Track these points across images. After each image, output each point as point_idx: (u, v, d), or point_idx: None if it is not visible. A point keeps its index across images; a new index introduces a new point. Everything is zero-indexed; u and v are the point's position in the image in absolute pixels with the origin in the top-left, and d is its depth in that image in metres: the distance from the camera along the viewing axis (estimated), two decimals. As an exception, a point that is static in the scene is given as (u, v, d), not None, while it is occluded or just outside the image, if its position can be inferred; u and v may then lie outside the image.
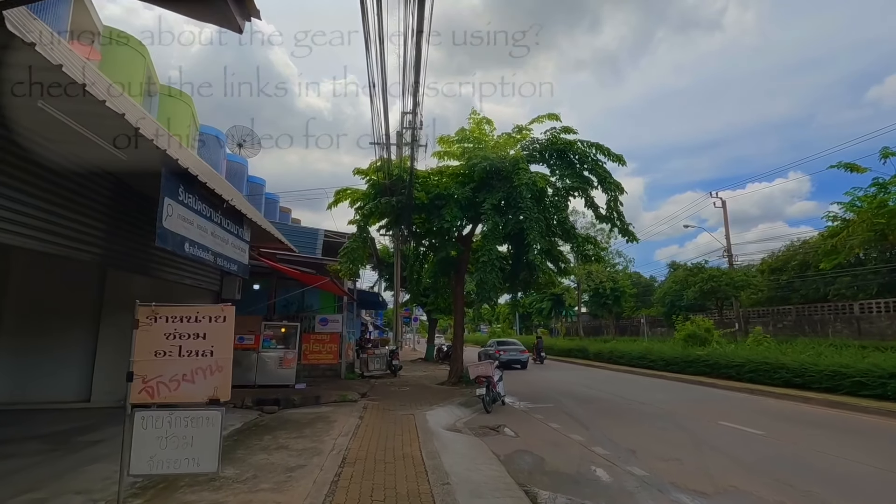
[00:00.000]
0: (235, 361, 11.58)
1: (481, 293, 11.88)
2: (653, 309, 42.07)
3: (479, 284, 11.95)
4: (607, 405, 11.35)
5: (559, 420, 9.37)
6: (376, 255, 21.31)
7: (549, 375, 19.03)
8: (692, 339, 18.01)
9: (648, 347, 19.85)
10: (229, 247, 7.03)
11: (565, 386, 15.49)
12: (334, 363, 14.49)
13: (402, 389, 13.09)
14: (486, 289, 11.58)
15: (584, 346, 26.78)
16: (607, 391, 13.82)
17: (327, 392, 10.98)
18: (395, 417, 8.75)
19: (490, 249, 11.81)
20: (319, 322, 14.56)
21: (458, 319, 14.77)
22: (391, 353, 18.00)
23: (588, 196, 12.49)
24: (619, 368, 20.49)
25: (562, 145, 12.88)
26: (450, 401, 10.96)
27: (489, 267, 11.65)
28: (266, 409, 9.49)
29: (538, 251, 11.38)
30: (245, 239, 7.70)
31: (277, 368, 11.63)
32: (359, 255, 11.88)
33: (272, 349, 11.76)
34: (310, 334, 14.43)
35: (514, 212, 12.01)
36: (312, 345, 14.28)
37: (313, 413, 9.07)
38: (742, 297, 29.15)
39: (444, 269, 15.07)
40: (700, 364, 15.96)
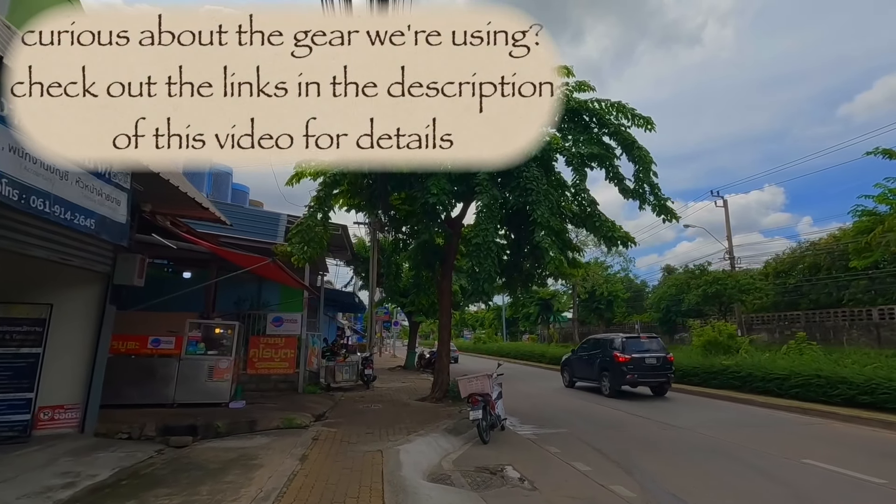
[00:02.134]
0: (147, 372, 8.69)
1: (475, 285, 9.26)
2: (645, 315, 40.01)
3: (473, 274, 9.33)
4: (636, 431, 8.81)
5: (583, 456, 6.78)
6: (350, 248, 18.53)
7: (545, 385, 16.45)
8: (712, 346, 15.67)
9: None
10: (77, 189, 4.28)
11: (570, 401, 12.93)
12: (290, 373, 11.68)
13: (372, 407, 10.36)
14: (481, 279, 8.96)
15: (580, 354, 24.29)
16: (624, 409, 11.30)
17: (270, 414, 8.20)
18: (353, 458, 6.04)
19: (486, 230, 9.22)
20: (272, 322, 11.74)
21: (444, 321, 12.12)
22: (364, 360, 15.23)
23: (611, 166, 9.98)
24: (624, 379, 18.01)
25: (575, 105, 10.42)
26: (433, 425, 8.29)
27: (485, 252, 9.05)
28: (173, 441, 6.68)
29: (547, 231, 8.83)
30: (119, 184, 4.96)
31: (206, 381, 8.80)
32: (316, 235, 9.15)
33: (200, 356, 8.93)
34: (259, 337, 11.60)
35: (517, 184, 9.48)
36: (262, 350, 11.46)
37: (236, 450, 6.30)
38: (745, 302, 27.15)
39: (427, 259, 12.41)
40: (727, 376, 13.58)
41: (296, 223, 9.08)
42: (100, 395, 6.69)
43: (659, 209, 9.90)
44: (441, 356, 11.94)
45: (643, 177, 9.88)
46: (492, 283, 9.37)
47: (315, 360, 14.31)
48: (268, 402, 9.86)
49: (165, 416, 7.69)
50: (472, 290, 9.50)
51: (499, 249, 9.60)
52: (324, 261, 15.72)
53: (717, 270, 27.67)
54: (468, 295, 9.55)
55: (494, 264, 9.27)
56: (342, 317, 48.14)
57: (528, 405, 11.84)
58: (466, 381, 7.99)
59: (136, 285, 6.96)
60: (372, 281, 17.05)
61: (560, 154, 9.86)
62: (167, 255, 12.81)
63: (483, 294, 9.31)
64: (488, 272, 9.01)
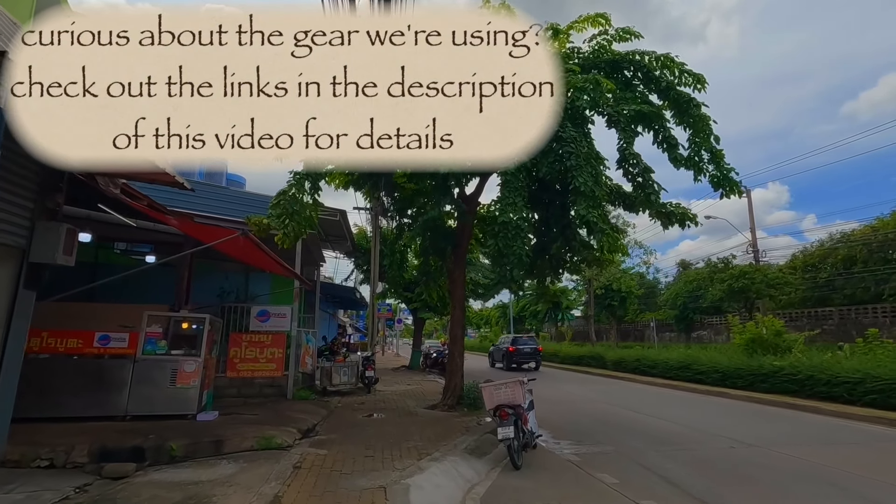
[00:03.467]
0: (93, 377, 6.68)
1: (502, 271, 7.56)
2: (659, 312, 38.20)
3: (498, 258, 7.64)
4: (697, 449, 7.10)
5: (655, 491, 5.08)
6: (350, 237, 16.85)
7: (568, 389, 14.75)
8: (757, 345, 13.92)
9: (692, 356, 15.73)
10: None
11: (603, 408, 11.22)
12: (277, 376, 10.00)
13: (374, 417, 8.68)
14: (510, 263, 7.26)
15: (598, 354, 22.58)
16: (672, 419, 9.57)
17: (244, 430, 6.51)
18: (346, 498, 4.36)
19: (513, 204, 7.52)
20: (257, 316, 10.06)
21: (457, 315, 10.42)
22: (365, 360, 13.55)
23: (661, 127, 8.24)
24: (652, 382, 16.31)
25: (615, 57, 8.72)
26: (449, 443, 6.61)
27: (513, 230, 7.35)
28: (108, 470, 5.01)
29: (592, 203, 7.10)
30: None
31: (167, 387, 7.12)
32: (302, 208, 7.44)
33: (161, 356, 7.26)
34: (241, 334, 9.93)
35: (549, 148, 7.78)
36: (245, 349, 9.79)
37: (187, 486, 4.61)
38: (774, 297, 25.36)
39: (436, 244, 10.70)
40: (780, 379, 11.84)
41: (277, 192, 7.41)
42: (11, 407, 5.03)
43: (720, 181, 8.14)
44: (453, 356, 10.24)
45: (701, 142, 8.14)
46: (522, 268, 7.65)
47: (309, 360, 12.64)
48: (248, 411, 8.19)
49: (110, 433, 6.01)
50: (497, 277, 7.78)
51: (529, 227, 7.87)
52: (319, 250, 14.05)
53: (743, 264, 25.85)
54: (493, 284, 7.82)
55: (525, 245, 7.58)
56: (343, 314, 46.53)
57: (555, 413, 10.13)
58: (493, 389, 6.29)
59: (63, 264, 5.28)
60: (374, 271, 15.38)
61: (599, 113, 8.14)
62: (138, 238, 11.15)
63: (511, 282, 7.60)
64: (518, 255, 7.30)
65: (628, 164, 7.99)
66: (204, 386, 7.61)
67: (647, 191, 7.94)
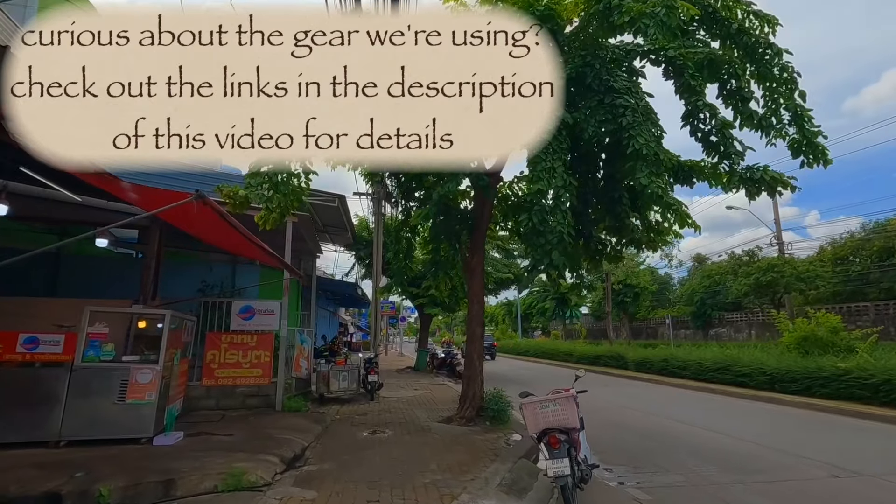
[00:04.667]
0: (16, 390, 5.03)
1: (537, 254, 6.01)
2: (673, 309, 36.55)
3: (532, 238, 6.07)
4: (806, 483, 5.50)
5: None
6: (350, 227, 15.28)
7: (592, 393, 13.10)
8: (809, 343, 12.32)
9: (731, 356, 14.11)
10: None
11: (642, 418, 9.63)
12: (264, 384, 8.46)
13: (378, 436, 7.13)
14: (549, 243, 5.71)
15: (618, 353, 20.98)
16: (734, 433, 7.99)
17: (209, 461, 4.96)
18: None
19: (551, 170, 5.97)
20: (239, 313, 8.51)
21: (475, 311, 8.85)
22: (367, 362, 12.00)
23: (732, 76, 6.63)
24: (684, 384, 14.73)
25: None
26: (477, 476, 5.07)
27: (552, 202, 5.80)
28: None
29: (654, 169, 5.53)
30: None
31: (114, 403, 5.58)
32: (287, 179, 5.86)
33: (107, 363, 5.71)
34: (219, 334, 8.38)
35: (597, 101, 6.21)
36: (225, 352, 8.24)
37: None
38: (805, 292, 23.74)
39: (449, 227, 9.13)
40: (845, 383, 10.26)
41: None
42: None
43: (801, 147, 6.54)
44: (471, 359, 8.68)
45: (782, 98, 6.54)
46: (564, 249, 6.07)
47: (304, 363, 11.12)
48: (223, 429, 6.64)
49: (26, 469, 4.48)
50: (532, 261, 6.19)
51: (572, 196, 6.28)
52: (315, 240, 12.51)
53: (770, 257, 24.21)
54: (529, 270, 6.23)
55: (565, 220, 6.00)
56: (345, 312, 44.97)
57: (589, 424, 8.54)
58: (537, 408, 4.71)
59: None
60: (376, 260, 13.83)
61: (655, 60, 6.54)
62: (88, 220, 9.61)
63: (552, 267, 6.02)
64: (558, 233, 5.75)
65: (698, 121, 6.39)
66: (167, 400, 6.07)
67: (727, 151, 6.31)
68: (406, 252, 11.12)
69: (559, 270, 6.43)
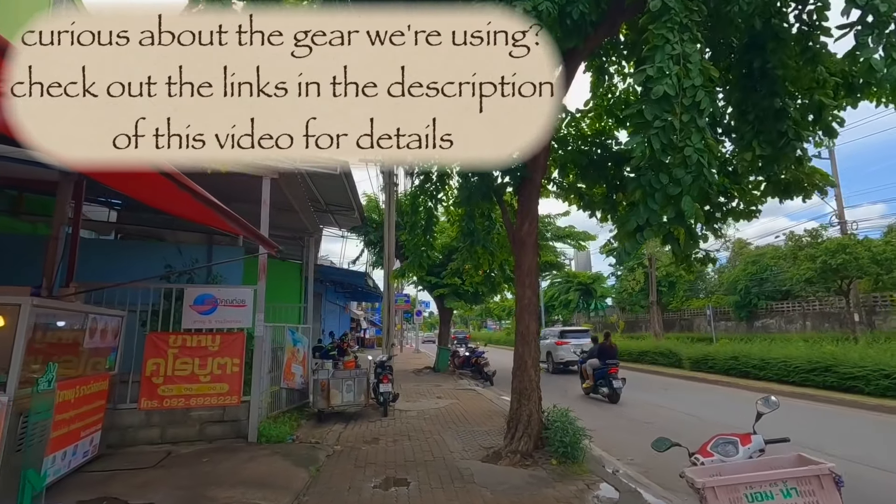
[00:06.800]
0: None
1: (652, 204, 3.41)
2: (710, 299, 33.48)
3: (644, 177, 3.47)
4: None
5: None
6: (357, 207, 12.74)
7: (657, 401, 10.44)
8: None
9: (833, 354, 11.27)
10: None
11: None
12: (231, 404, 5.97)
13: (391, 491, 4.59)
14: (673, 185, 3.11)
15: (669, 349, 18.21)
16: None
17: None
18: None
19: (685, 58, 3.35)
20: (192, 304, 6.00)
21: (528, 298, 6.27)
22: (379, 368, 9.50)
23: None
24: (766, 388, 11.92)
25: None
26: None
27: (685, 119, 3.18)
28: None
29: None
30: None
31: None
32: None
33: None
34: (163, 335, 5.89)
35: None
36: (174, 361, 5.76)
37: None
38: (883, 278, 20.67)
39: (488, 182, 6.54)
40: None
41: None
42: None
43: None
44: (524, 366, 6.07)
45: None
46: (702, 191, 3.49)
47: (299, 370, 8.68)
48: (155, 482, 4.16)
49: None
50: (643, 215, 3.54)
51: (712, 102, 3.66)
52: (309, 210, 10.01)
53: (839, 237, 21.14)
54: (632, 232, 3.48)
55: (706, 144, 3.41)
56: (357, 307, 42.68)
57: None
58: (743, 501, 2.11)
59: None
60: (388, 242, 11.31)
61: None
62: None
63: (679, 221, 3.43)
64: (695, 165, 3.19)
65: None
66: (33, 452, 3.59)
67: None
68: (426, 226, 8.52)
69: (690, 228, 3.81)
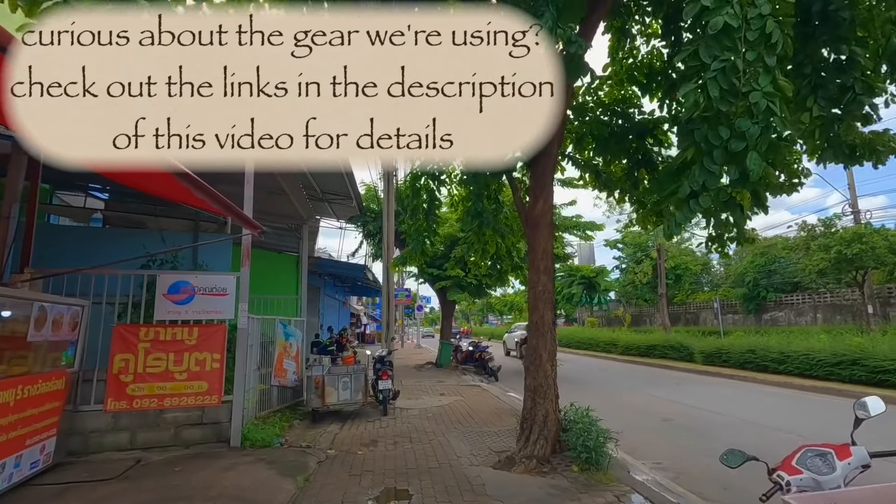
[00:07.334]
0: None
1: (711, 164, 2.75)
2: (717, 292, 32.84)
3: (700, 131, 2.80)
4: None
5: None
6: (355, 194, 12.08)
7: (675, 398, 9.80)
8: None
9: (859, 345, 10.63)
10: None
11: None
12: (210, 404, 5.32)
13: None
14: (736, 138, 2.44)
15: (680, 343, 17.56)
16: None
17: None
18: None
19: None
20: (166, 293, 5.35)
21: (543, 284, 5.60)
22: (379, 362, 8.86)
23: None
24: (789, 383, 11.31)
25: None
26: None
27: (751, 57, 2.51)
28: None
29: None
30: None
31: None
32: None
33: None
34: (133, 327, 5.24)
35: None
36: (145, 357, 5.12)
37: None
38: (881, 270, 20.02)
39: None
40: None
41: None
42: None
43: None
44: (539, 360, 5.43)
45: None
46: (772, 146, 2.82)
47: (291, 366, 8.05)
48: (112, 495, 3.53)
49: None
50: (700, 178, 2.88)
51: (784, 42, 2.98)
52: (300, 191, 9.35)
53: (854, 226, 20.46)
54: (688, 197, 2.76)
55: (776, 87, 2.74)
56: (357, 301, 42.01)
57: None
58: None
59: None
60: (387, 230, 10.66)
61: None
62: None
63: (745, 182, 2.78)
64: (765, 112, 2.51)
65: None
66: None
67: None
68: (427, 210, 7.85)
69: (757, 192, 3.15)
